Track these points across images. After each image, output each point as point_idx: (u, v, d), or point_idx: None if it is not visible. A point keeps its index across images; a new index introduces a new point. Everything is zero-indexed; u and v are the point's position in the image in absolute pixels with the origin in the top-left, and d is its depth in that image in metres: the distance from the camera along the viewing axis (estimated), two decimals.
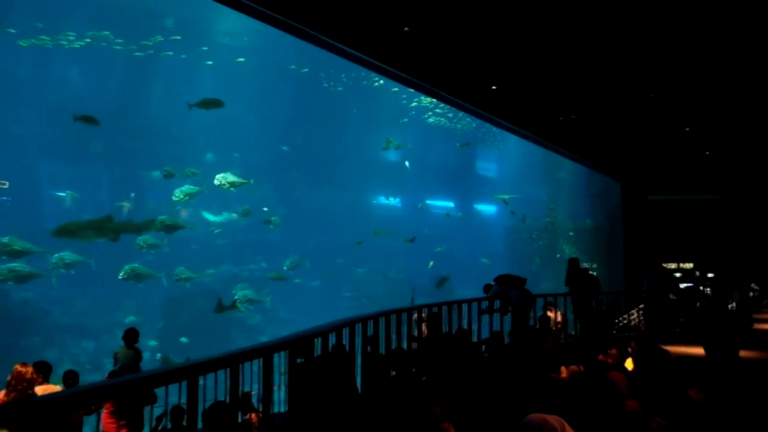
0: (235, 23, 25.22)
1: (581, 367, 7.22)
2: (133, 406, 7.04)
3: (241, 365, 4.30)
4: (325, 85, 31.69)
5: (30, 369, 6.87)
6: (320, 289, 31.92)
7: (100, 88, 26.24)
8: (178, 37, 26.38)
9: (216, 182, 21.19)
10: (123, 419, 7.56)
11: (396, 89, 30.13)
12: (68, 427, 6.25)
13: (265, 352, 4.67)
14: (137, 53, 26.26)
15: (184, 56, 27.19)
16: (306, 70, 30.29)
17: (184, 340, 23.45)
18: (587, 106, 13.70)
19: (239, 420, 6.73)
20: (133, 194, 25.31)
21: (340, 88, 32.00)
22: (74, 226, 17.24)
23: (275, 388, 5.23)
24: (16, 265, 18.41)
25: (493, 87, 12.36)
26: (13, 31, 23.46)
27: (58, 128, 24.66)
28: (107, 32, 25.11)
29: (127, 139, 21.04)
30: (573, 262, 13.64)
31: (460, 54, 10.65)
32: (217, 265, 27.05)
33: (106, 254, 20.31)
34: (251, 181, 21.31)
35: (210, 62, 27.55)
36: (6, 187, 24.40)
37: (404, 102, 33.77)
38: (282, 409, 6.06)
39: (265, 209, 28.98)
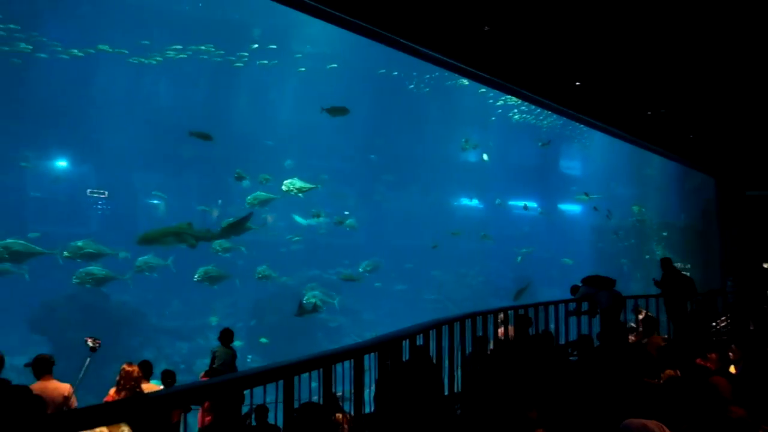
0: (317, 31, 25.78)
1: (678, 372, 6.91)
2: (232, 404, 7.27)
3: (333, 366, 4.39)
4: (411, 86, 31.74)
5: (136, 368, 7.30)
6: (402, 291, 32.07)
7: (189, 100, 27.58)
8: (274, 46, 27.21)
9: (284, 188, 21.44)
10: (219, 417, 7.79)
11: (483, 90, 29.91)
12: (173, 424, 6.56)
13: (355, 354, 4.74)
14: (237, 64, 27.32)
15: (268, 64, 28.01)
16: (386, 72, 30.43)
17: (264, 340, 24.08)
18: (678, 98, 13.07)
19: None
20: (220, 201, 26.37)
21: (427, 89, 32.01)
22: (156, 233, 17.78)
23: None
24: (93, 268, 19.02)
25: (577, 83, 12.01)
26: (109, 48, 24.86)
27: (152, 139, 26.16)
28: (207, 45, 26.28)
29: (215, 147, 21.93)
30: (666, 262, 13.07)
31: (541, 50, 10.42)
32: (302, 268, 27.69)
33: (200, 257, 21.07)
34: (319, 187, 21.52)
35: (303, 69, 28.30)
36: (105, 196, 26.19)
37: (490, 101, 33.40)
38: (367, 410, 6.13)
39: (347, 213, 29.43)
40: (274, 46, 27.18)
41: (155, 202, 28.22)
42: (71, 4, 24.50)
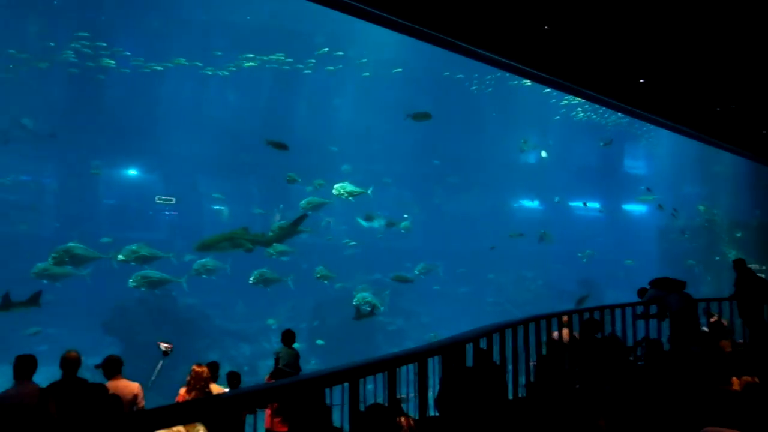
0: (377, 37, 26.00)
1: (756, 379, 6.62)
2: (298, 405, 7.39)
3: (397, 369, 4.41)
4: (473, 88, 31.55)
5: (205, 369, 7.52)
6: (462, 294, 31.88)
7: (253, 108, 28.33)
8: (341, 53, 27.51)
9: (335, 192, 21.46)
10: (287, 418, 7.93)
11: (547, 90, 29.54)
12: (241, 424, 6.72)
13: (420, 357, 4.74)
14: (306, 71, 27.77)
15: (333, 70, 28.33)
16: (450, 74, 30.32)
17: (320, 342, 24.32)
18: (749, 93, 12.53)
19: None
20: (282, 205, 26.89)
21: (490, 89, 31.74)
22: (212, 240, 18.10)
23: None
24: (149, 271, 19.39)
25: (641, 80, 11.68)
26: (185, 62, 25.71)
27: (217, 147, 27.01)
28: (277, 54, 26.80)
29: (278, 153, 22.37)
30: (739, 263, 12.51)
31: (602, 48, 10.18)
32: (361, 272, 27.86)
33: (261, 260, 21.49)
34: (369, 191, 21.50)
35: (367, 73, 28.50)
36: (173, 202, 27.21)
37: (553, 101, 32.88)
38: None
39: (406, 216, 29.48)
40: (341, 53, 27.45)
41: (219, 207, 29.09)
42: (146, 19, 25.43)
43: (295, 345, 9.69)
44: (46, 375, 7.16)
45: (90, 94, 25.48)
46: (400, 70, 28.99)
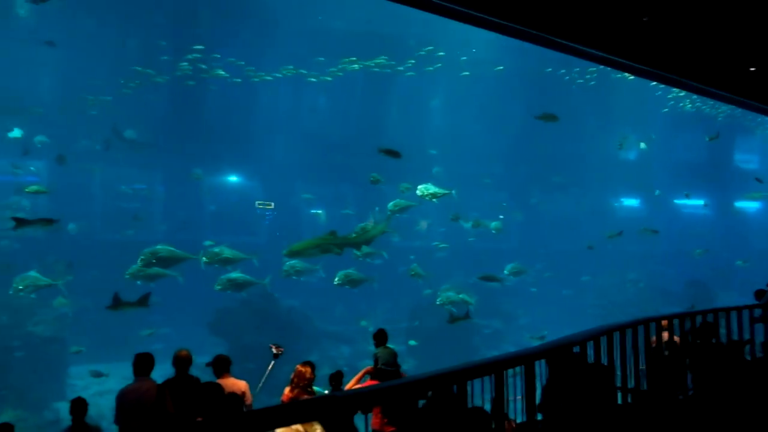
0: (466, 36, 25.86)
1: None
2: (402, 406, 7.43)
3: (504, 372, 4.36)
4: (579, 81, 30.62)
5: (309, 369, 7.75)
6: (560, 296, 31.07)
7: (346, 112, 28.88)
8: (442, 53, 27.37)
9: (418, 193, 21.24)
10: (392, 419, 8.00)
11: (653, 83, 28.21)
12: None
13: (526, 360, 4.66)
14: (409, 73, 27.81)
15: (429, 71, 28.35)
16: (551, 71, 29.66)
17: (412, 342, 24.32)
18: None
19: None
20: (377, 208, 27.21)
21: (593, 83, 30.74)
22: (300, 246, 18.21)
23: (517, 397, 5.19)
24: (234, 275, 19.71)
25: (752, 68, 10.96)
26: (293, 69, 26.51)
27: (314, 152, 27.75)
28: (379, 58, 27.01)
29: (374, 157, 22.68)
30: None
31: (706, 36, 9.61)
32: (456, 273, 27.69)
33: (360, 264, 21.80)
34: (453, 192, 21.17)
35: (467, 72, 28.33)
36: (272, 207, 28.26)
37: (659, 93, 31.40)
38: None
39: (501, 217, 29.06)
40: (442, 53, 27.29)
41: (317, 211, 29.87)
42: (244, 30, 26.35)
43: (394, 346, 9.72)
44: (160, 372, 7.63)
45: (193, 104, 26.75)
46: (501, 68, 28.45)
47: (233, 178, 31.39)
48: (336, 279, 20.29)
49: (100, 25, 24.32)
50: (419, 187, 20.85)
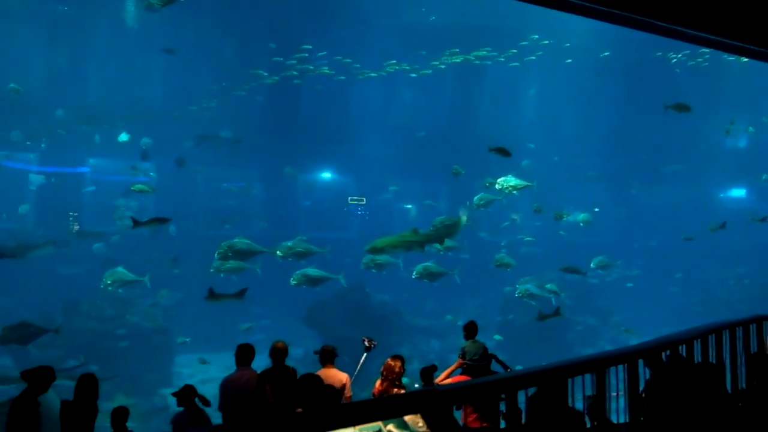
0: (563, 24, 25.09)
1: None
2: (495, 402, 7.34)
3: (606, 370, 4.21)
4: (690, 63, 28.97)
5: (399, 363, 7.79)
6: (658, 291, 29.69)
7: (435, 108, 28.79)
8: (547, 41, 26.59)
9: (497, 186, 20.62)
10: (484, 414, 7.92)
11: None
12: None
13: (630, 358, 4.49)
14: (513, 64, 27.19)
15: (520, 63, 27.76)
16: (647, 56, 28.27)
17: (497, 337, 23.95)
18: None
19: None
20: (468, 203, 27.02)
21: (706, 64, 29.02)
22: (381, 243, 18.10)
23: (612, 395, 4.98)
24: (309, 270, 19.58)
25: None
26: (397, 66, 26.68)
27: (405, 147, 27.89)
28: (486, 49, 26.50)
29: (463, 152, 22.52)
30: None
31: None
32: (548, 268, 27.03)
33: (448, 259, 21.73)
34: (533, 184, 20.46)
35: (569, 60, 27.37)
36: (364, 203, 28.70)
37: None
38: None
39: (596, 210, 28.09)
40: (547, 41, 26.43)
41: (408, 206, 30.03)
42: (337, 28, 26.67)
43: (483, 341, 9.54)
44: (258, 362, 7.93)
45: (294, 103, 27.38)
46: (607, 53, 27.34)
47: (327, 175, 32.24)
48: (414, 273, 20.11)
49: (200, 31, 25.29)
50: (499, 180, 20.34)
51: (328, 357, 7.88)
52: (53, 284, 21.18)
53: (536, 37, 26.15)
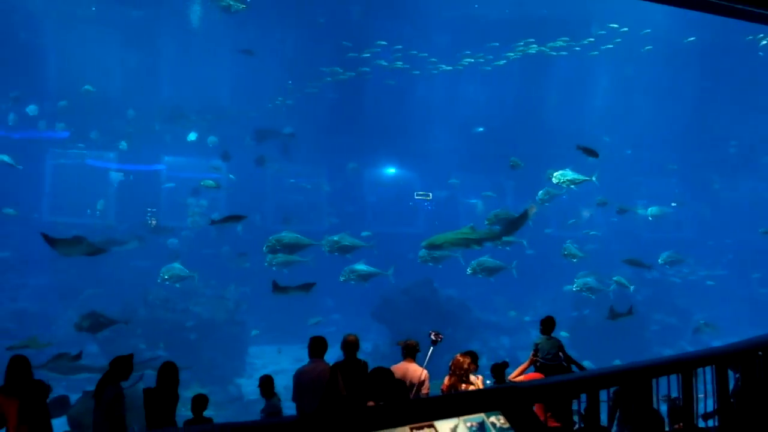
0: (632, 11, 24.23)
1: None
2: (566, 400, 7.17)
3: (693, 371, 4.01)
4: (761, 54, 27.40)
5: (468, 359, 7.74)
6: (743, 289, 28.31)
7: (499, 101, 28.37)
8: (626, 28, 25.62)
9: (554, 180, 19.84)
10: (556, 413, 7.77)
11: None
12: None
13: (719, 360, 4.25)
14: (593, 52, 26.43)
15: (599, 52, 26.93)
16: (750, 38, 26.71)
17: (564, 334, 23.36)
18: None
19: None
20: (538, 197, 26.54)
21: None
22: (438, 239, 17.80)
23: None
24: (357, 266, 19.70)
25: None
26: (472, 59, 26.44)
27: (467, 142, 27.60)
28: (563, 39, 25.86)
29: (531, 146, 22.04)
30: None
31: None
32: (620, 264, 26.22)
33: (520, 256, 21.40)
34: (593, 178, 19.60)
35: (649, 47, 26.20)
36: (430, 198, 28.63)
37: None
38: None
39: (673, 204, 26.98)
40: (626, 28, 25.40)
41: (474, 201, 29.75)
42: (402, 22, 26.52)
43: (559, 339, 9.32)
44: (328, 356, 8.03)
45: (360, 98, 27.53)
46: (693, 38, 25.93)
47: (392, 170, 32.35)
48: (468, 268, 19.77)
49: (270, 30, 25.68)
50: (555, 174, 19.61)
51: (410, 351, 7.92)
52: (132, 277, 22.12)
53: (615, 25, 25.16)
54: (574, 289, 22.24)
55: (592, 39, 25.59)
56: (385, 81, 26.81)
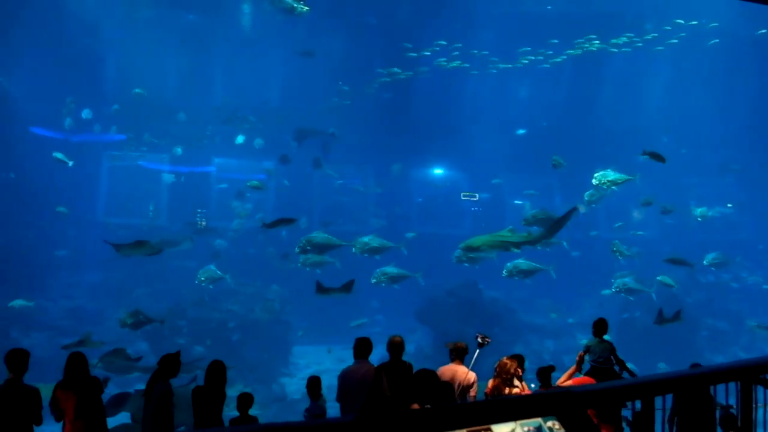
0: (688, 6, 23.52)
1: None
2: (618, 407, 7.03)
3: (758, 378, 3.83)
4: None
5: (515, 363, 7.66)
6: None
7: (549, 100, 27.90)
8: (695, 21, 24.82)
9: (594, 181, 19.14)
10: (605, 419, 7.61)
11: None
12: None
13: None
14: (659, 47, 25.62)
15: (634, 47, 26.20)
16: None
17: (606, 337, 22.70)
18: None
19: None
20: (586, 199, 26.10)
21: None
22: (476, 242, 17.44)
23: None
24: (387, 268, 19.71)
25: None
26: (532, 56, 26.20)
27: (515, 142, 27.25)
28: (628, 35, 25.15)
29: (581, 146, 21.55)
30: None
31: None
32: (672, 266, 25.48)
33: (565, 258, 21.04)
34: (636, 178, 18.87)
35: (716, 40, 25.34)
36: (476, 199, 28.44)
37: None
38: None
39: (729, 205, 26.08)
40: (694, 21, 24.65)
41: (521, 202, 29.42)
42: (447, 20, 26.22)
43: (611, 342, 9.13)
44: (373, 356, 8.04)
45: (407, 98, 27.41)
46: (764, 31, 24.82)
47: (439, 171, 32.34)
48: (504, 271, 19.46)
49: (324, 32, 25.70)
50: (596, 174, 19.01)
51: (459, 353, 7.92)
52: (180, 277, 22.63)
53: (681, 21, 24.31)
54: (612, 290, 21.65)
55: (657, 34, 24.76)
56: (441, 80, 26.46)
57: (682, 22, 24.23)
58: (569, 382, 8.66)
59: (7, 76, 24.19)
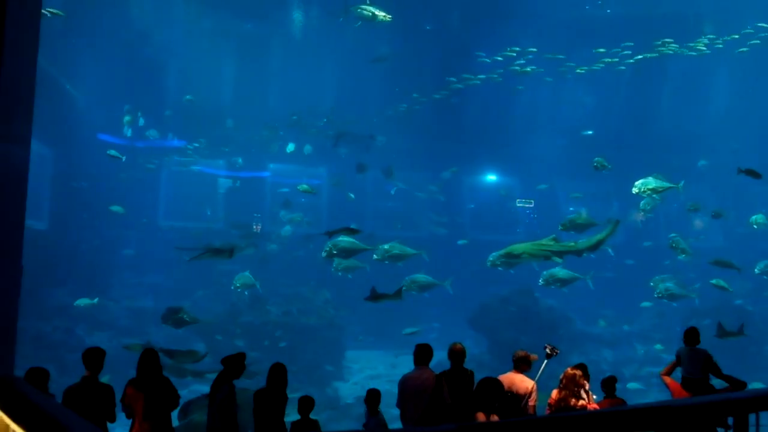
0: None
1: None
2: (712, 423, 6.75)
3: None
4: None
5: (579, 372, 7.54)
6: None
7: (607, 104, 27.30)
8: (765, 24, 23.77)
9: (635, 190, 18.27)
10: None
11: None
12: None
13: None
14: (742, 49, 24.37)
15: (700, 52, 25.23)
16: None
17: (658, 347, 22.73)
18: None
19: None
20: (643, 206, 25.44)
21: None
22: (518, 249, 16.95)
23: None
24: (417, 276, 19.42)
25: None
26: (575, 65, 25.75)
27: (570, 148, 26.76)
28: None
29: (637, 153, 20.93)
30: None
31: None
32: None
33: (624, 266, 20.54)
34: (679, 186, 17.90)
35: (744, 46, 24.06)
36: (531, 205, 28.07)
37: None
38: None
39: None
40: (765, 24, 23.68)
41: (576, 209, 28.90)
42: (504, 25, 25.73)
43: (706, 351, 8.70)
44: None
45: (463, 105, 27.18)
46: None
47: (492, 177, 32.05)
48: (540, 280, 19.02)
49: (371, 40, 25.72)
50: (636, 183, 18.21)
51: (520, 362, 7.80)
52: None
53: (764, 25, 23.29)
54: (655, 296, 20.81)
55: (737, 35, 23.83)
56: (514, 86, 25.97)
57: (765, 25, 23.16)
58: (668, 381, 8.60)
59: (73, 84, 25.07)
